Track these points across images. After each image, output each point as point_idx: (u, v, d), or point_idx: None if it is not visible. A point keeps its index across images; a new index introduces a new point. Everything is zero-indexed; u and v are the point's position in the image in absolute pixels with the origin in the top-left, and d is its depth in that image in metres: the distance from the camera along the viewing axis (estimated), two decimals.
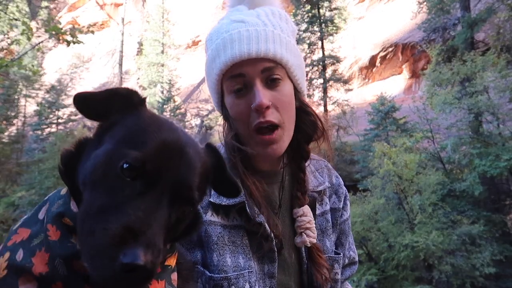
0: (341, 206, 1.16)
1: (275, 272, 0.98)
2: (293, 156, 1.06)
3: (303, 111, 1.04)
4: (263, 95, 0.93)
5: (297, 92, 1.03)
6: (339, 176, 1.20)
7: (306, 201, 1.05)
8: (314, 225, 1.02)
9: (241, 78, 0.95)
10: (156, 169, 0.61)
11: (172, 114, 20.28)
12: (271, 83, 0.96)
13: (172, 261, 0.74)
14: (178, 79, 22.09)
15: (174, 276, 0.74)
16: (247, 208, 0.96)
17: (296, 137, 1.05)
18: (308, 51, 15.39)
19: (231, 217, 0.98)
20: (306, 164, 1.10)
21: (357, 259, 1.22)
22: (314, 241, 1.02)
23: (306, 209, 1.03)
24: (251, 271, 0.95)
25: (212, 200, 0.97)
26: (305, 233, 1.00)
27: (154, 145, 0.62)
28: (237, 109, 0.97)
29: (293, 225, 1.05)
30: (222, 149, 1.06)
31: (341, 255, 1.13)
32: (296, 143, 1.05)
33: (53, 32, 4.65)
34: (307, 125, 1.05)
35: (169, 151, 0.63)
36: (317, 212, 1.09)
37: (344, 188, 1.20)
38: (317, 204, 1.09)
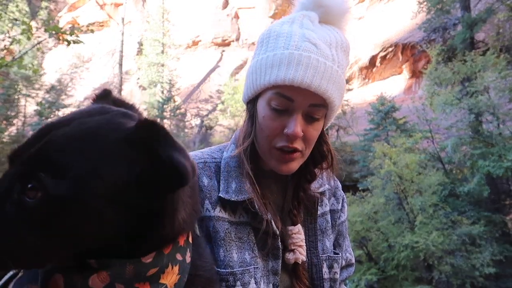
0: (339, 207, 1.19)
1: (279, 269, 1.01)
2: (299, 176, 1.08)
3: (320, 139, 1.06)
4: (300, 126, 0.94)
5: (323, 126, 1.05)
6: (337, 179, 1.22)
7: (300, 220, 1.07)
8: (305, 244, 1.06)
9: (288, 102, 0.94)
10: (18, 149, 0.59)
11: (172, 114, 20.28)
12: (310, 119, 0.97)
13: (168, 278, 0.65)
14: (178, 79, 22.09)
15: None
16: (255, 204, 0.97)
17: (306, 159, 1.07)
18: None
19: (238, 213, 1.00)
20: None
21: (353, 260, 1.25)
22: (304, 259, 1.05)
23: (300, 227, 1.06)
24: (257, 267, 0.97)
25: (221, 195, 0.98)
26: (298, 250, 1.03)
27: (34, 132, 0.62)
28: (270, 124, 0.97)
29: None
30: (232, 147, 1.07)
31: (340, 255, 1.15)
32: (304, 164, 1.07)
33: (53, 32, 4.65)
34: (318, 152, 1.06)
35: (38, 133, 0.60)
36: (318, 213, 1.11)
37: (342, 191, 1.23)
38: (317, 205, 1.11)
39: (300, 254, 1.03)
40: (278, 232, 0.99)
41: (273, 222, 0.99)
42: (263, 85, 0.96)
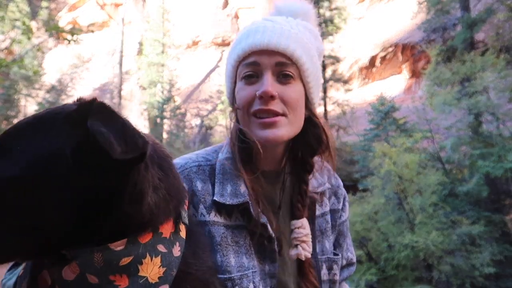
0: (340, 207, 1.16)
1: (276, 272, 0.98)
2: (297, 168, 1.06)
3: (311, 122, 1.03)
4: (270, 84, 0.94)
5: (307, 100, 1.02)
6: (338, 178, 1.20)
7: (305, 214, 1.04)
8: (311, 240, 1.01)
9: (255, 67, 0.96)
10: None
11: (172, 114, 20.28)
12: (283, 78, 0.96)
13: (148, 271, 0.62)
14: (178, 79, 22.08)
15: None
16: (251, 208, 0.95)
17: (300, 149, 1.04)
18: None
19: (234, 217, 0.98)
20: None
21: (354, 260, 1.22)
22: (309, 255, 1.00)
23: (305, 222, 1.02)
24: (255, 271, 0.95)
25: (216, 199, 0.96)
26: (301, 246, 0.99)
27: None
28: (243, 94, 0.97)
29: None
30: (227, 148, 1.05)
31: (340, 256, 1.13)
32: (300, 155, 1.05)
33: (53, 31, 4.65)
34: (313, 138, 1.03)
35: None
36: (317, 213, 1.09)
37: (343, 189, 1.19)
38: (317, 205, 1.09)
39: (304, 250, 0.99)
40: (273, 236, 0.97)
41: (268, 226, 0.96)
42: (232, 66, 1.01)
